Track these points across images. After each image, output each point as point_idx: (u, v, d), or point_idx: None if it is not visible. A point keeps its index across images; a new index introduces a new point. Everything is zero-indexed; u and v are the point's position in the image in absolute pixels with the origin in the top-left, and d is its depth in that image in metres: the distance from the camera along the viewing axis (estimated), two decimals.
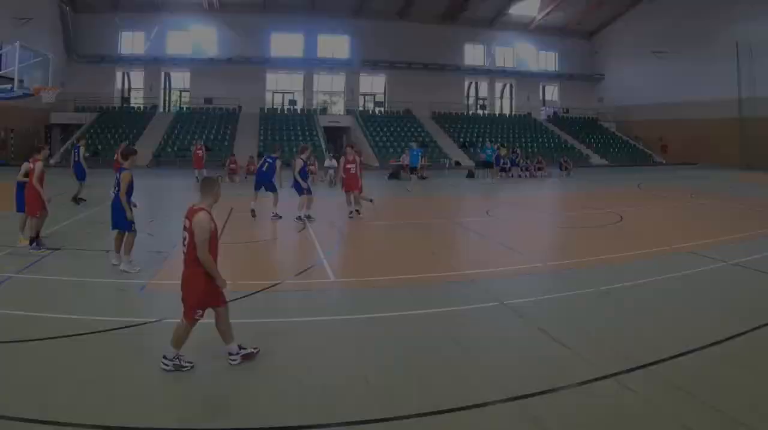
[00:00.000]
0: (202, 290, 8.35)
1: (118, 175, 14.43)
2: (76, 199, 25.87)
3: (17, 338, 9.39)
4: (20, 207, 16.61)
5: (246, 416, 7.14)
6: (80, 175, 26.58)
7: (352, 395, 7.75)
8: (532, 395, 7.66)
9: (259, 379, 8.23)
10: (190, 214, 8.51)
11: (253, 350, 8.86)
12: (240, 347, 8.77)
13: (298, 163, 22.20)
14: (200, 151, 39.07)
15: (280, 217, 22.93)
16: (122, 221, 14.38)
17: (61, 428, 6.70)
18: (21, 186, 16.56)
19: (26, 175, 16.30)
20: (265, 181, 23.61)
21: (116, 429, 6.75)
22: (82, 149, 27.24)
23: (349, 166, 22.42)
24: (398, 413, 7.20)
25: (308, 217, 22.08)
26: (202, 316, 8.44)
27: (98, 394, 7.52)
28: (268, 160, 23.95)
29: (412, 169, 39.20)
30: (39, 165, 15.90)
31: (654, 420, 7.07)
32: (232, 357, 8.59)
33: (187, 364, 8.44)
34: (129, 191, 14.48)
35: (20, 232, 16.79)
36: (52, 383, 7.79)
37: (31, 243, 15.57)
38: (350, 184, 22.04)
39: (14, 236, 16.72)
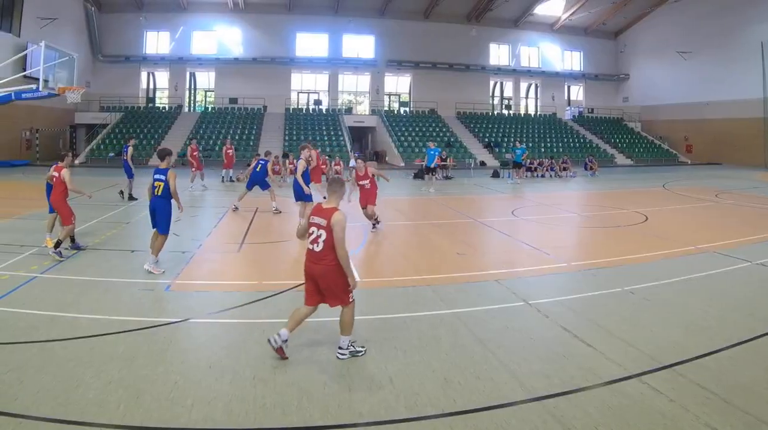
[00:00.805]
0: (343, 276, 8.95)
1: (162, 176, 14.36)
2: (130, 197, 26.50)
3: (42, 338, 9.50)
4: (51, 208, 16.58)
5: (271, 415, 7.20)
6: (129, 173, 27.03)
7: (378, 394, 7.77)
8: (557, 395, 7.72)
9: (282, 378, 8.24)
10: (326, 214, 9.00)
11: (361, 348, 9.19)
12: (350, 344, 9.05)
13: (301, 165, 21.30)
14: (231, 151, 39.13)
15: (280, 211, 24.29)
16: (164, 223, 14.39)
17: (86, 429, 6.77)
18: (50, 187, 16.52)
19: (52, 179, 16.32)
20: (258, 181, 25.26)
21: (142, 429, 6.82)
22: (130, 149, 27.62)
23: (361, 182, 21.35)
24: (423, 413, 7.25)
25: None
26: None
27: (123, 394, 7.57)
28: (261, 162, 25.84)
29: (428, 170, 38.96)
30: (66, 173, 15.69)
31: (678, 420, 7.08)
32: (341, 351, 8.96)
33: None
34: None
35: (47, 233, 16.86)
36: (77, 383, 7.85)
37: (56, 246, 15.05)
38: (366, 200, 20.95)
39: (40, 235, 16.85)
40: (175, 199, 14.33)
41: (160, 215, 14.29)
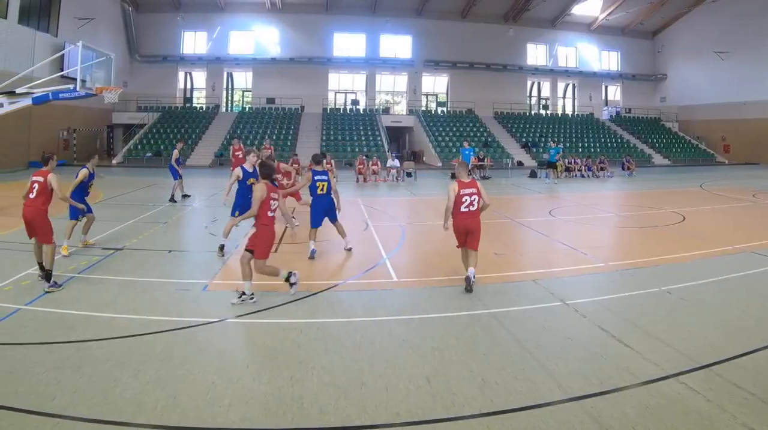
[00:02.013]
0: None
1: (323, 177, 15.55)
2: (175, 198, 26.83)
3: (79, 338, 9.62)
4: (72, 214, 16.64)
5: (309, 415, 7.25)
6: (174, 175, 27.38)
7: (415, 395, 7.80)
8: (594, 395, 7.74)
9: (320, 378, 8.28)
10: (472, 184, 13.39)
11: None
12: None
13: (235, 176, 16.73)
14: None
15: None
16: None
17: (124, 429, 6.86)
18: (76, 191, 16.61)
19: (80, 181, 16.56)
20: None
21: (179, 429, 6.90)
22: (175, 152, 28.17)
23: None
24: (460, 413, 7.28)
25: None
26: None
27: (161, 394, 7.66)
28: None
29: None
30: (53, 179, 13.21)
31: (715, 421, 7.07)
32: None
33: None
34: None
35: (83, 235, 17.18)
36: (115, 383, 7.96)
37: (47, 279, 12.67)
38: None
39: (77, 235, 16.97)
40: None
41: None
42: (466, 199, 13.10)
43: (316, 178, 16.38)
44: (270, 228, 11.88)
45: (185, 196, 27.33)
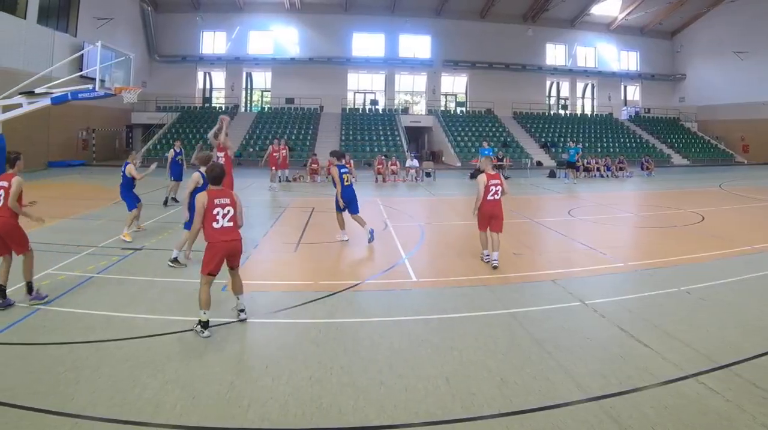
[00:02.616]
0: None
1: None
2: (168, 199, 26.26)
3: (98, 338, 9.66)
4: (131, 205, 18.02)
5: (327, 415, 7.27)
6: (174, 175, 27.15)
7: (434, 394, 7.82)
8: (613, 395, 7.75)
9: (339, 379, 8.30)
10: (496, 176, 15.24)
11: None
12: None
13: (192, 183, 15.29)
14: (284, 151, 38.89)
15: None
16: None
17: (143, 429, 6.90)
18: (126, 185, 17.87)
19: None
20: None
21: (198, 429, 6.95)
22: (171, 150, 27.92)
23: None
24: (479, 413, 7.30)
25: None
26: None
27: (180, 394, 7.71)
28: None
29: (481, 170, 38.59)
30: (16, 182, 11.96)
31: (734, 420, 7.08)
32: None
33: None
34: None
35: (126, 227, 17.81)
36: (134, 383, 8.00)
37: (29, 291, 11.80)
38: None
39: (96, 235, 17.20)
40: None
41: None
42: (492, 189, 15.25)
43: (342, 171, 17.83)
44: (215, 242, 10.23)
45: (173, 199, 26.24)
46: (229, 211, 10.28)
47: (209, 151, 16.79)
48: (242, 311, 10.64)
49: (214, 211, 10.12)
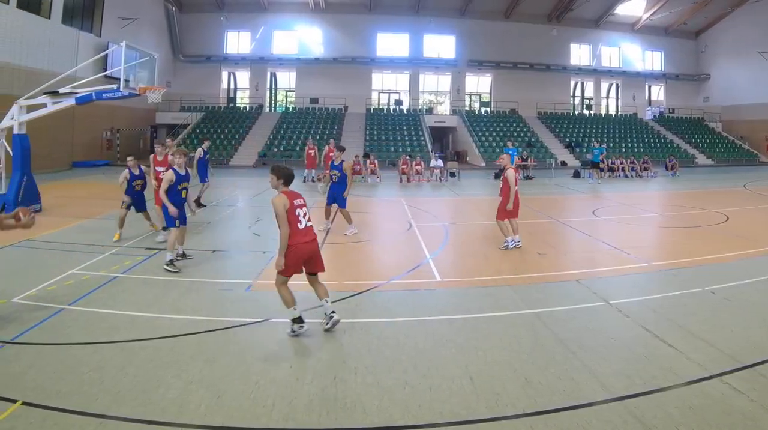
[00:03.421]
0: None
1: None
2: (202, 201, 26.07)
3: (123, 338, 9.69)
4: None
5: (352, 415, 7.27)
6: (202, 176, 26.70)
7: (458, 394, 7.81)
8: (638, 395, 7.73)
9: (363, 378, 8.32)
10: (516, 169, 14.23)
11: None
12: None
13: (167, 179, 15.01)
14: (312, 151, 39.49)
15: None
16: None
17: (167, 429, 6.93)
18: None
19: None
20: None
21: (222, 429, 6.97)
22: (199, 149, 27.09)
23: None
24: (504, 413, 7.29)
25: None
26: None
27: (204, 394, 7.73)
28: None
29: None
30: None
31: (759, 420, 7.06)
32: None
33: None
34: None
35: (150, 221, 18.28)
36: (158, 383, 8.02)
37: None
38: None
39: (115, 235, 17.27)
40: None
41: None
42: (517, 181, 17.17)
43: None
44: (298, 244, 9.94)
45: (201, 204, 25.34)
46: (306, 211, 10.14)
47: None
48: (333, 313, 10.27)
49: (296, 212, 9.93)
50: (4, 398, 7.40)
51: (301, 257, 9.99)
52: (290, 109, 70.25)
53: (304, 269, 10.18)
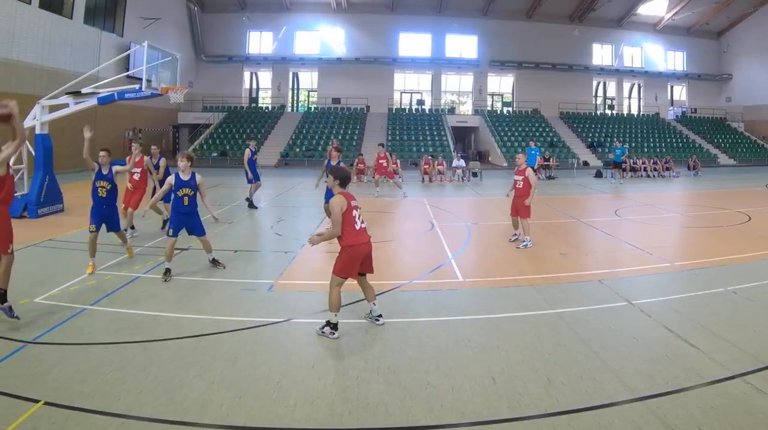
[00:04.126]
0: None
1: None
2: (255, 203, 26.14)
3: (145, 338, 9.76)
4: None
5: (374, 415, 7.30)
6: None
7: (481, 394, 7.83)
8: (660, 395, 7.74)
9: (385, 378, 8.35)
10: (522, 172, 15.74)
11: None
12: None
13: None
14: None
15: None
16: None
17: (190, 429, 6.97)
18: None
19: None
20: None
21: (244, 429, 6.99)
22: (247, 150, 27.10)
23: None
24: (526, 413, 7.31)
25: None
26: None
27: (226, 394, 7.76)
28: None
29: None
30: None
31: None
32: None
33: None
34: None
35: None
36: (180, 383, 8.07)
37: (2, 301, 10.19)
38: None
39: (142, 236, 17.42)
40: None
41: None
42: (515, 182, 17.10)
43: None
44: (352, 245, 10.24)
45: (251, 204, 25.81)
46: (361, 213, 10.41)
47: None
48: (380, 316, 10.58)
49: (353, 214, 10.18)
50: (26, 398, 7.47)
51: (359, 258, 10.26)
52: (312, 110, 70.34)
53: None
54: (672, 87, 79.95)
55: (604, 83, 77.93)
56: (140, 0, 53.08)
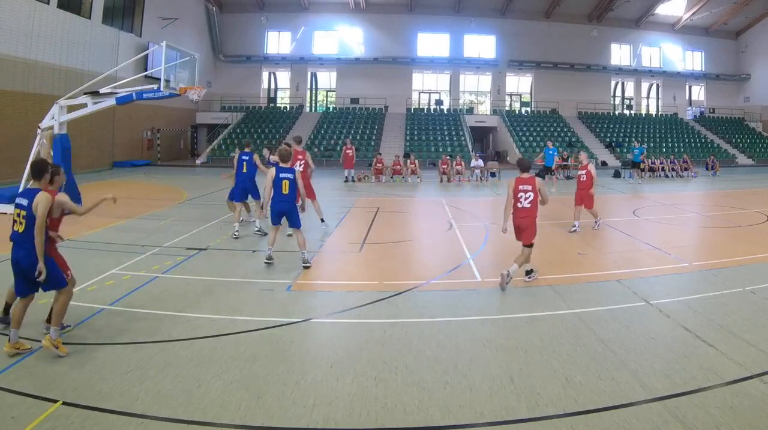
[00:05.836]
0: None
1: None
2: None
3: (163, 338, 9.81)
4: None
5: (393, 415, 7.33)
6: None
7: (498, 395, 7.84)
8: (678, 395, 7.75)
9: (403, 378, 8.37)
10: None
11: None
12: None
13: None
14: (350, 151, 39.62)
15: (265, 233, 18.74)
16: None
17: (208, 429, 7.00)
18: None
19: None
20: (247, 186, 20.19)
21: (263, 429, 7.03)
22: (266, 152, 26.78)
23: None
24: (544, 413, 7.33)
25: None
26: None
27: (244, 394, 7.79)
28: (244, 157, 20.36)
29: (547, 169, 38.58)
30: (44, 199, 9.51)
31: None
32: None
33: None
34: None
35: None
36: (198, 383, 8.11)
37: (5, 311, 10.14)
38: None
39: (161, 235, 17.68)
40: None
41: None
42: (521, 196, 14.71)
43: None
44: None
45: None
46: (530, 195, 13.70)
47: (288, 146, 16.49)
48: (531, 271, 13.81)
49: (518, 195, 13.80)
50: (44, 398, 7.52)
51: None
52: (331, 109, 70.32)
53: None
54: (690, 87, 79.56)
55: (623, 83, 77.60)
56: (158, 0, 53.27)
